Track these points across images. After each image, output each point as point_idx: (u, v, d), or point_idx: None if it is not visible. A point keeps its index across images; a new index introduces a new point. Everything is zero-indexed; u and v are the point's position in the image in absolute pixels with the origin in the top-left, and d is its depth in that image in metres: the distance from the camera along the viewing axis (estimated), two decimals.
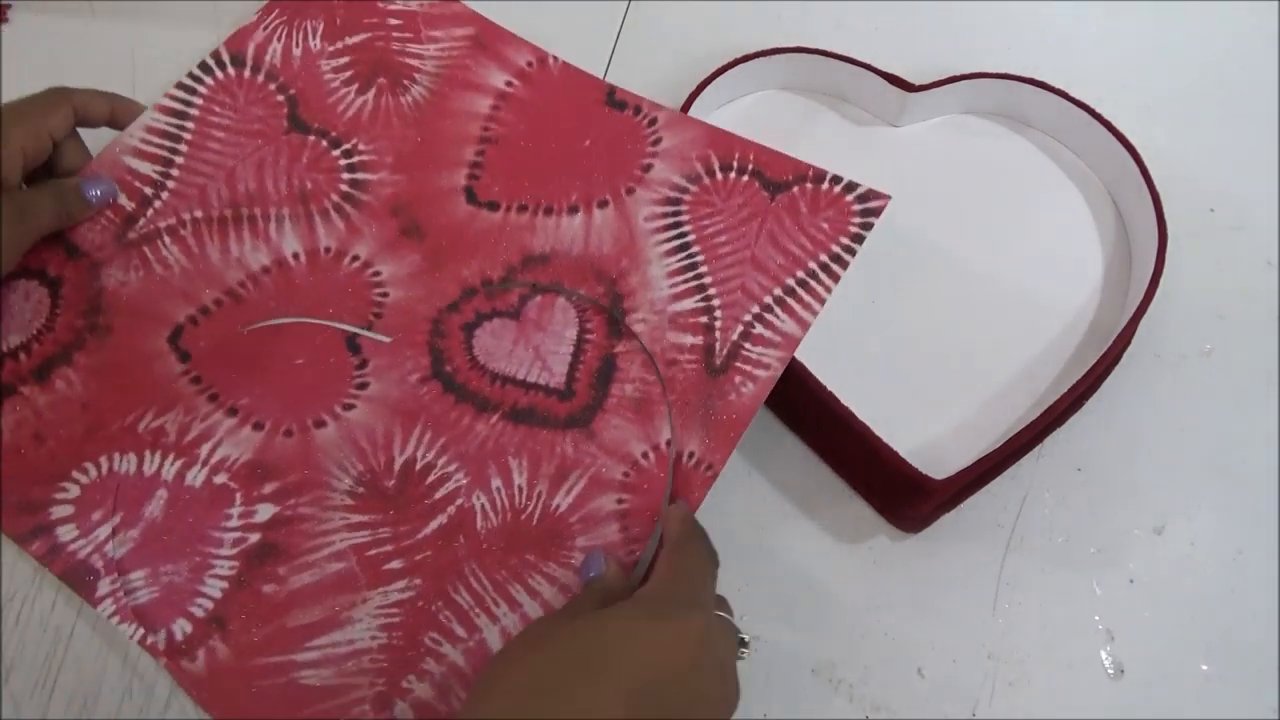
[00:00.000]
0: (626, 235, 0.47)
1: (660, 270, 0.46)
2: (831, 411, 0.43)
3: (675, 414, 0.43)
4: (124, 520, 0.42)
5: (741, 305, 0.45)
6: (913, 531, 0.44)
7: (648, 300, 0.46)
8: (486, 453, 0.44)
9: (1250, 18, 0.58)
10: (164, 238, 0.47)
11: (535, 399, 0.44)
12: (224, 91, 0.50)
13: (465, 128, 0.50)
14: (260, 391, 0.44)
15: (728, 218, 0.47)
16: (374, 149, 0.50)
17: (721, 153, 0.49)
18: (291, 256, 0.47)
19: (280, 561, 0.41)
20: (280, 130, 0.50)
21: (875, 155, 0.54)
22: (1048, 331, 0.48)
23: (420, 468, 0.43)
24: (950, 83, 0.52)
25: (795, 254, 0.46)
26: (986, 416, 0.46)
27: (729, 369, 0.44)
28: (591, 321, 0.46)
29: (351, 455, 0.43)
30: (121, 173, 0.48)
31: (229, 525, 0.42)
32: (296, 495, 0.43)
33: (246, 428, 0.44)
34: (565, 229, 0.48)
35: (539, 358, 0.45)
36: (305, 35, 0.52)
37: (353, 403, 0.44)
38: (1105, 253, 0.50)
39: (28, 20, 0.57)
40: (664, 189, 0.48)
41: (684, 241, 0.47)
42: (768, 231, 0.47)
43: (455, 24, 0.53)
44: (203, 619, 0.40)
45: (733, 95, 0.55)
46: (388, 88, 0.51)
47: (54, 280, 0.46)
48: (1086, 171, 0.53)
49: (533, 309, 0.46)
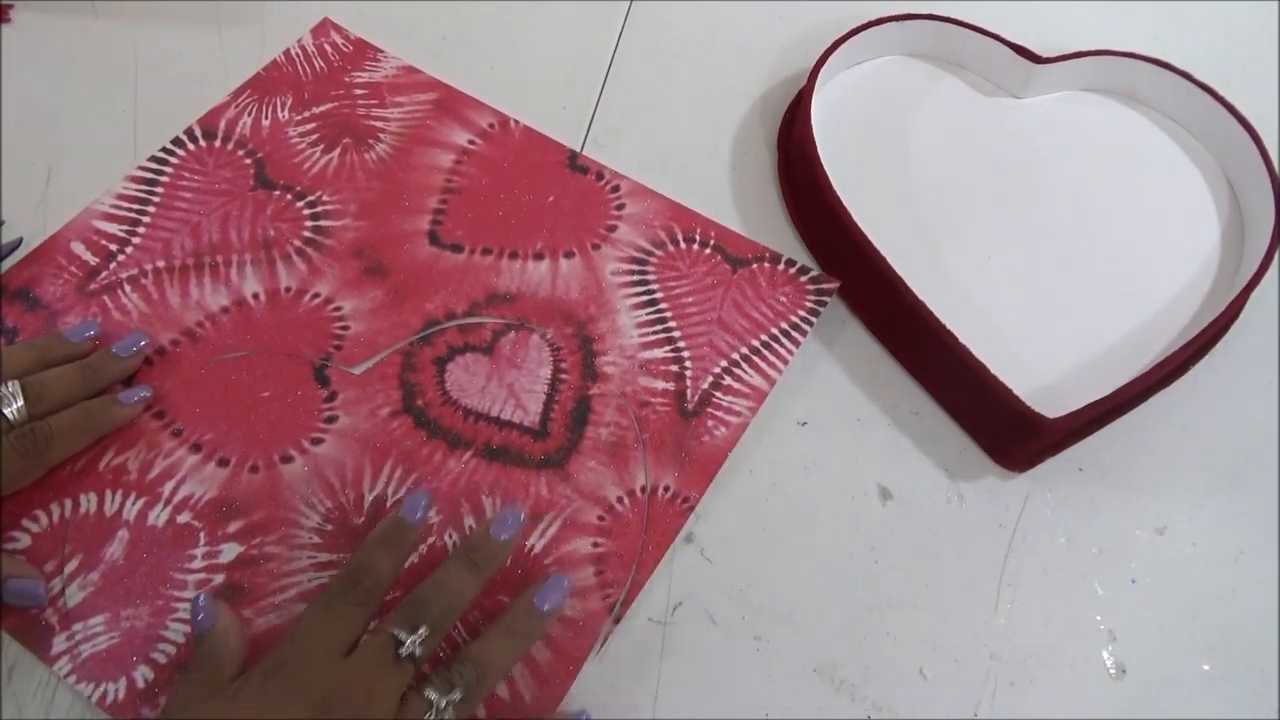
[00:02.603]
0: (594, 285, 0.48)
1: (629, 320, 0.47)
2: (948, 348, 0.44)
3: (649, 451, 0.43)
4: (83, 562, 0.40)
5: (710, 359, 0.46)
6: (1018, 470, 0.45)
7: (618, 345, 0.46)
8: (459, 490, 0.43)
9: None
10: (125, 287, 0.47)
11: (509, 437, 0.44)
12: (194, 160, 0.51)
13: (428, 179, 0.51)
14: (225, 426, 0.43)
15: (694, 282, 0.48)
16: (338, 199, 0.50)
17: (684, 226, 0.50)
18: (251, 296, 0.47)
19: (245, 603, 0.39)
20: (247, 188, 0.50)
21: (998, 125, 0.56)
22: (1156, 300, 0.49)
23: (391, 504, 0.42)
24: (1076, 58, 0.54)
25: (758, 320, 0.47)
26: (1093, 371, 0.47)
27: (702, 413, 0.45)
28: (566, 361, 0.46)
29: (320, 491, 0.42)
30: (89, 234, 0.48)
31: (192, 566, 0.40)
32: (263, 534, 0.41)
33: (211, 464, 0.42)
34: (531, 272, 0.48)
35: (513, 395, 0.45)
36: (275, 108, 0.54)
37: (321, 437, 0.43)
38: (1220, 231, 0.52)
39: (30, 20, 0.58)
40: (629, 249, 0.49)
41: (652, 298, 0.48)
42: (732, 299, 0.48)
43: (419, 90, 0.55)
44: (165, 665, 0.38)
45: (860, 59, 0.57)
46: (353, 146, 0.52)
47: (10, 330, 0.45)
48: (1203, 152, 0.55)
49: (506, 345, 0.46)
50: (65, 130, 0.53)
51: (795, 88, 0.56)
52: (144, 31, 0.57)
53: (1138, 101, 0.57)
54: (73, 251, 0.48)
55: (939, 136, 0.55)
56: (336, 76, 0.55)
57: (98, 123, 0.53)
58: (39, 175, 0.51)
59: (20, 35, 0.57)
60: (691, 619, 0.41)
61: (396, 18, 0.58)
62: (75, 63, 0.56)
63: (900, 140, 0.54)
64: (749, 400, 0.45)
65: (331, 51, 0.56)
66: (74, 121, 0.53)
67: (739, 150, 0.54)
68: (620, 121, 0.55)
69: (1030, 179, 0.53)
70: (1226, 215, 0.52)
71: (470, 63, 0.57)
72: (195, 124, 0.53)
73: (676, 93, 0.57)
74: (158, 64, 0.56)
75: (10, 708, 0.38)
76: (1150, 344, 0.48)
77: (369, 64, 0.56)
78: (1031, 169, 0.53)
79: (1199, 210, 0.53)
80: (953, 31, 0.56)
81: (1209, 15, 0.62)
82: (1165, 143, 0.55)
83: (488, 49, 0.58)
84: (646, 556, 0.41)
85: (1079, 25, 0.61)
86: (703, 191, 0.52)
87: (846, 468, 0.45)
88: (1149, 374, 0.44)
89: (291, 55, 0.56)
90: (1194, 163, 0.55)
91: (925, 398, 0.47)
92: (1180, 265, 0.51)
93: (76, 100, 0.54)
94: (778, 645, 0.40)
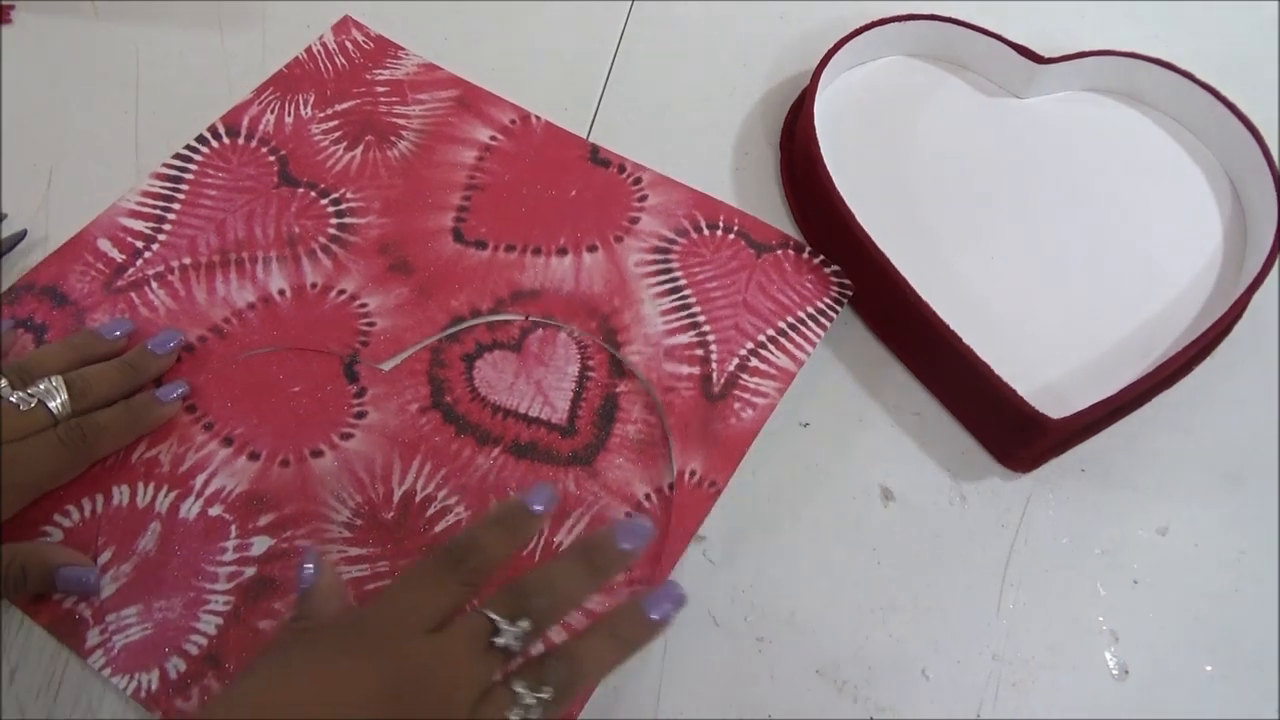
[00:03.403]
0: (617, 277, 0.48)
1: (653, 309, 0.47)
2: (952, 348, 0.44)
3: (675, 435, 0.44)
4: (116, 554, 0.40)
5: (736, 341, 0.46)
6: (1021, 471, 0.45)
7: (642, 334, 0.47)
8: (488, 486, 0.43)
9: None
10: (151, 284, 0.47)
11: (538, 434, 0.44)
12: (219, 158, 0.52)
13: (451, 176, 0.52)
14: (256, 421, 0.43)
15: (718, 267, 0.49)
16: (362, 197, 0.51)
17: (707, 214, 0.51)
18: (277, 293, 0.47)
19: (276, 596, 0.40)
20: (271, 185, 0.51)
21: (1001, 125, 0.56)
22: (1159, 301, 0.49)
23: (420, 499, 0.42)
24: (1078, 58, 0.55)
25: (784, 302, 0.48)
26: (1096, 372, 0.47)
27: (728, 396, 0.45)
28: (593, 359, 0.46)
29: (350, 486, 0.42)
30: (115, 230, 0.49)
31: (224, 559, 0.40)
32: (293, 527, 0.41)
33: (242, 458, 0.42)
34: (554, 268, 0.49)
35: (540, 392, 0.45)
36: (297, 106, 0.54)
37: (351, 432, 0.43)
38: (1222, 232, 0.52)
39: (31, 21, 0.58)
40: (652, 239, 0.50)
41: (675, 285, 0.48)
42: (757, 282, 0.48)
43: (440, 88, 0.55)
44: (197, 656, 0.38)
45: (862, 59, 0.57)
46: (375, 143, 0.53)
47: (39, 326, 0.46)
48: (1206, 152, 0.55)
49: (534, 342, 0.46)
50: (66, 132, 0.53)
51: (798, 88, 0.57)
52: (145, 32, 0.58)
53: (1140, 101, 0.57)
54: (99, 248, 0.48)
55: (942, 137, 0.55)
56: (358, 74, 0.55)
57: (99, 124, 0.53)
58: (40, 177, 0.51)
59: (21, 36, 0.57)
60: (694, 620, 0.41)
61: (397, 18, 0.59)
62: (76, 63, 0.56)
63: (903, 141, 0.55)
64: (776, 382, 0.45)
65: (353, 49, 0.56)
66: (75, 123, 0.53)
67: (741, 151, 0.55)
68: (622, 121, 0.55)
69: (1033, 179, 0.53)
70: (1229, 215, 0.53)
71: (469, 63, 0.57)
72: (219, 121, 0.53)
73: (678, 93, 0.57)
74: (159, 65, 0.56)
75: (11, 708, 0.38)
76: (1153, 344, 0.48)
77: (390, 61, 0.56)
78: (1034, 169, 0.54)
79: (1201, 210, 0.53)
80: (955, 32, 0.56)
81: (1211, 15, 0.63)
82: (1167, 143, 0.56)
83: (487, 49, 0.58)
84: (674, 545, 0.41)
85: (1081, 25, 0.61)
86: (705, 191, 0.52)
87: (849, 468, 0.45)
88: (1152, 374, 0.45)
89: (313, 52, 0.56)
90: (1196, 162, 0.55)
91: (928, 398, 0.47)
92: (1183, 265, 0.51)
93: (77, 101, 0.54)
94: (780, 646, 0.41)
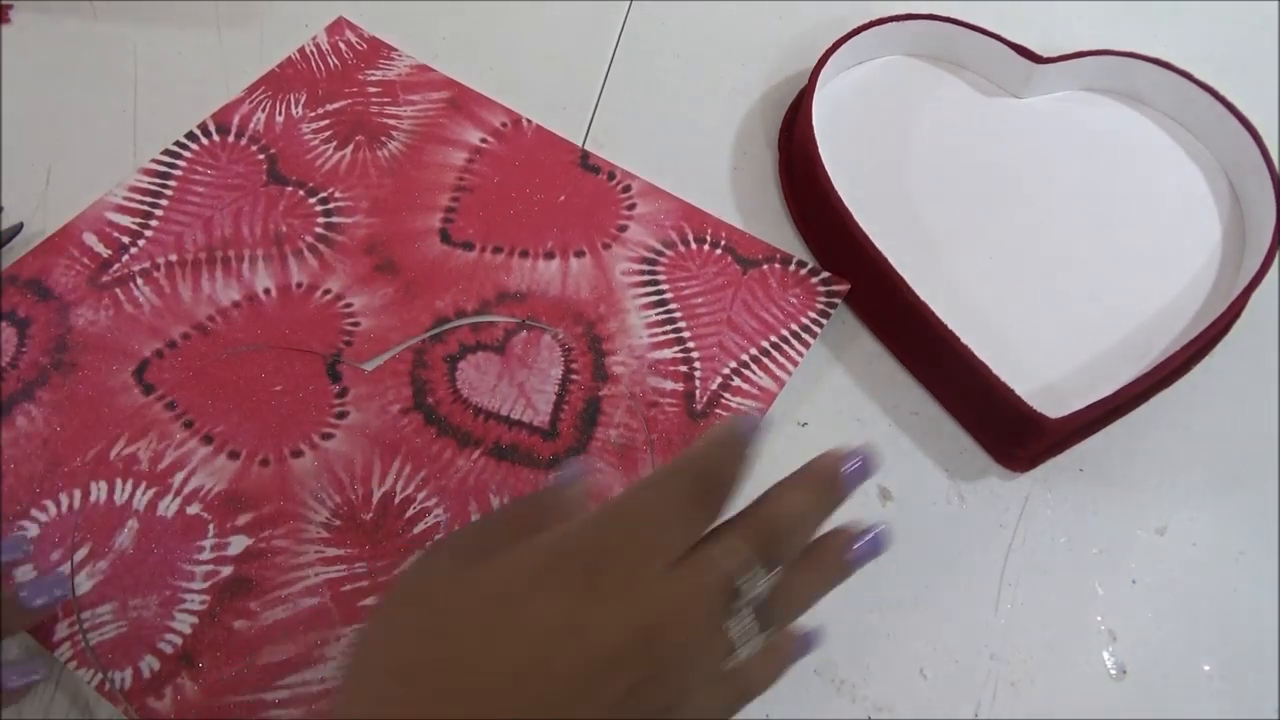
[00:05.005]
0: (604, 284, 0.48)
1: (639, 320, 0.47)
2: (950, 348, 0.44)
3: (657, 452, 0.44)
4: (92, 551, 0.40)
5: (720, 360, 0.46)
6: (1019, 470, 0.45)
7: (627, 345, 0.47)
8: (468, 488, 0.43)
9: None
10: (137, 279, 0.47)
11: (519, 437, 0.44)
12: (207, 155, 0.52)
13: (440, 177, 0.51)
14: (236, 419, 0.43)
15: (704, 283, 0.49)
16: (350, 196, 0.51)
17: (695, 227, 0.51)
18: (262, 291, 0.47)
19: (252, 596, 0.40)
20: (259, 183, 0.51)
21: (999, 125, 0.56)
22: (1157, 300, 0.49)
23: (399, 501, 0.42)
24: (1076, 58, 0.55)
25: (768, 321, 0.47)
26: (1094, 371, 0.47)
27: (710, 414, 0.45)
28: (577, 362, 0.46)
29: (329, 486, 0.42)
30: (101, 225, 0.49)
31: (201, 557, 0.40)
32: (271, 527, 0.41)
33: (222, 456, 0.42)
34: (541, 271, 0.49)
35: (523, 394, 0.45)
36: (288, 105, 0.54)
37: (332, 432, 0.43)
38: (1221, 231, 0.52)
39: (29, 20, 0.58)
40: (640, 249, 0.50)
41: (662, 298, 0.48)
42: (741, 299, 0.48)
43: (431, 89, 0.55)
44: (171, 655, 0.38)
45: (860, 59, 0.58)
46: (365, 143, 0.52)
47: (22, 320, 0.45)
48: (1204, 152, 0.55)
49: (518, 344, 0.46)
50: (64, 130, 0.53)
51: (796, 88, 0.57)
52: (143, 32, 0.58)
53: (1139, 101, 0.57)
54: (85, 243, 0.48)
55: (940, 136, 0.55)
56: (350, 74, 0.55)
57: (97, 123, 0.53)
58: (38, 175, 0.51)
59: (20, 35, 0.57)
60: None
61: (397, 18, 0.59)
62: (75, 63, 0.56)
63: (901, 140, 0.55)
64: (758, 401, 0.45)
65: (345, 49, 0.56)
66: (73, 122, 0.53)
67: (739, 151, 0.55)
68: (620, 122, 0.55)
69: (1031, 179, 0.54)
70: (1227, 215, 0.53)
71: (469, 64, 0.57)
72: (209, 119, 0.53)
73: (676, 93, 0.57)
74: (157, 64, 0.56)
75: (11, 709, 0.38)
76: (1151, 344, 0.48)
77: (382, 62, 0.56)
78: (1032, 169, 0.54)
79: (1200, 210, 0.53)
80: (953, 31, 0.56)
81: (1210, 15, 0.63)
82: (1166, 142, 0.56)
83: (486, 50, 0.58)
84: None
85: (1079, 25, 0.61)
86: (703, 192, 0.52)
87: None
88: (1150, 374, 0.45)
89: (306, 53, 0.56)
90: (1195, 162, 0.55)
91: (926, 398, 0.47)
92: (1181, 265, 0.51)
93: (76, 100, 0.54)
94: None
